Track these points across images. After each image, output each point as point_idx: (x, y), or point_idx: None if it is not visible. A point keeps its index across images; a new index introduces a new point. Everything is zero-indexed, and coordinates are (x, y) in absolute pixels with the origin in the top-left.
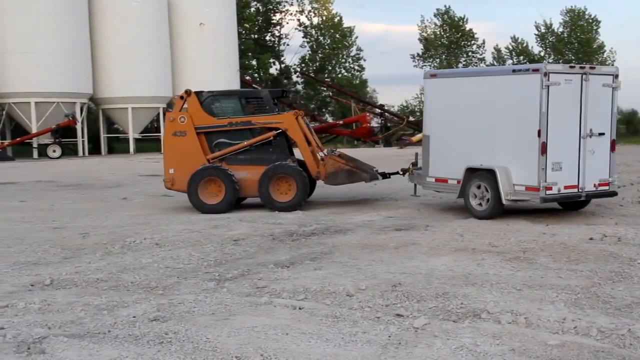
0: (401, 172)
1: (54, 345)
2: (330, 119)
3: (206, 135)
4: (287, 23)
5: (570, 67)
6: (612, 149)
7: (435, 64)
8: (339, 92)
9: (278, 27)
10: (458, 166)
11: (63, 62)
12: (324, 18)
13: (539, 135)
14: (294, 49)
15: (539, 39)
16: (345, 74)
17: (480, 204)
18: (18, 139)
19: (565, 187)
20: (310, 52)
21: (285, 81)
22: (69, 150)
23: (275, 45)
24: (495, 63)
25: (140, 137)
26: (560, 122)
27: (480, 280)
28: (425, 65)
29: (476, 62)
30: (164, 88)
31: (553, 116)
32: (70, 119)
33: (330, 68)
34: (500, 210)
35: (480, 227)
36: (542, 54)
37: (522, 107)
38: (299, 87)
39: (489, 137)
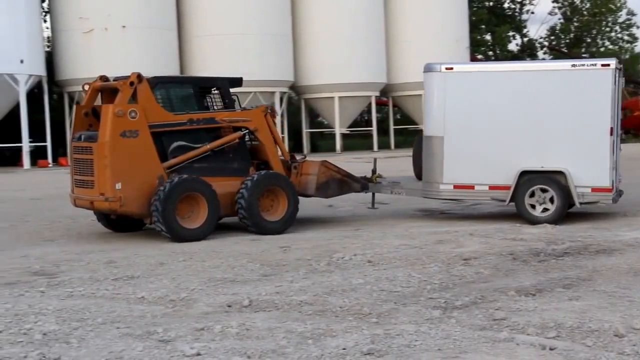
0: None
1: None
2: None
3: (154, 135)
4: None
5: (619, 62)
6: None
7: None
8: None
9: None
10: (494, 170)
11: (260, 45)
12: None
13: (611, 133)
14: (540, 17)
15: None
16: (611, 46)
17: (542, 210)
18: None
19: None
20: (562, 20)
21: (528, 58)
22: None
23: (516, 14)
24: None
25: (348, 132)
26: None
27: None
28: None
29: None
30: (377, 72)
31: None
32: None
33: (589, 40)
34: (564, 216)
35: None
36: None
37: (587, 105)
38: None
39: (538, 137)
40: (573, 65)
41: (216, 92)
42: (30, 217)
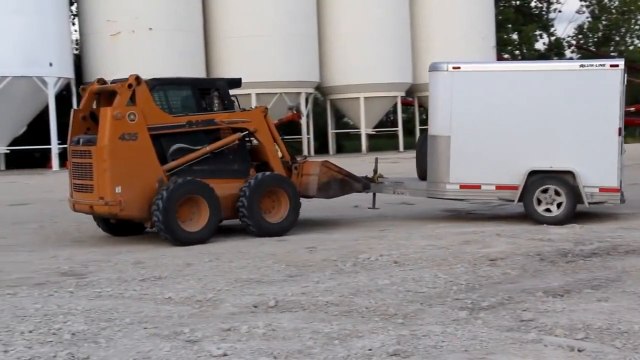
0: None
1: None
2: None
3: (154, 138)
4: None
5: (625, 62)
6: None
7: None
8: (630, 69)
9: None
10: (501, 169)
11: (286, 46)
12: None
13: (619, 133)
14: (567, 16)
15: None
16: None
17: (549, 210)
18: None
19: None
20: (590, 19)
21: (555, 57)
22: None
23: (543, 12)
24: None
25: (373, 132)
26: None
27: None
28: None
29: None
30: (403, 72)
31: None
32: (294, 112)
33: (617, 38)
34: (572, 216)
35: None
36: None
37: (596, 105)
38: None
39: (547, 137)
40: (582, 66)
41: (215, 93)
42: (59, 218)
